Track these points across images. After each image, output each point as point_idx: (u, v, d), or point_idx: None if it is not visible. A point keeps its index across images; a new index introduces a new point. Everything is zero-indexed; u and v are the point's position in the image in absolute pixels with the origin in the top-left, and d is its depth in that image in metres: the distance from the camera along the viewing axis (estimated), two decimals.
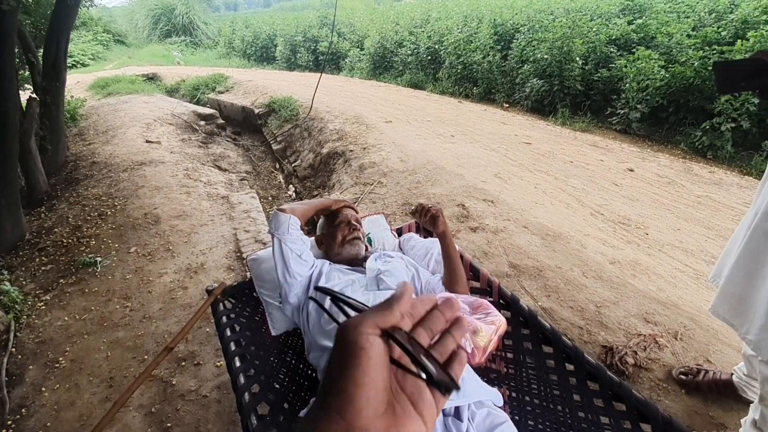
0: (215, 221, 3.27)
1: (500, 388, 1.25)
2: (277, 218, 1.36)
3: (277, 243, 1.35)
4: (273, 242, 1.36)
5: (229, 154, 5.32)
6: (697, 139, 5.43)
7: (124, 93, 8.20)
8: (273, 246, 1.36)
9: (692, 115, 5.84)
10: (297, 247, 1.36)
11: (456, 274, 1.40)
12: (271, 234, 1.38)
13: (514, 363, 1.32)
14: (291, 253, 1.35)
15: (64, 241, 3.19)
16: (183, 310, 2.34)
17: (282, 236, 1.34)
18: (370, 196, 3.29)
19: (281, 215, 1.36)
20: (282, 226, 1.35)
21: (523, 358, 1.32)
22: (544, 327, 1.32)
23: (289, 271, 1.34)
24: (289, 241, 1.35)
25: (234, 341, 1.38)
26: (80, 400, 1.83)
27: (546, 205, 2.99)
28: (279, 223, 1.35)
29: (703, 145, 5.33)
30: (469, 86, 8.57)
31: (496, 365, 1.34)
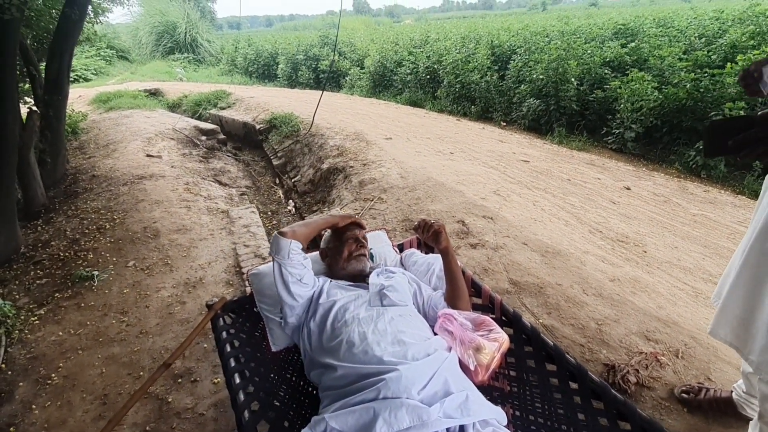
0: (215, 236, 3.26)
1: (504, 406, 1.24)
2: (278, 243, 1.34)
3: (277, 267, 1.34)
4: (273, 265, 1.36)
5: (230, 169, 5.34)
6: (691, 158, 5.51)
7: (126, 108, 8.25)
8: (273, 269, 1.36)
9: (686, 135, 5.95)
10: (297, 272, 1.36)
11: (458, 289, 1.40)
12: (271, 257, 1.37)
13: (518, 381, 1.30)
14: (291, 277, 1.34)
15: (60, 255, 3.17)
16: (180, 326, 2.31)
17: (282, 261, 1.34)
18: (370, 212, 3.30)
19: (282, 240, 1.34)
20: (282, 251, 1.34)
21: (526, 376, 1.30)
22: (547, 344, 1.31)
23: (291, 294, 1.34)
24: (289, 265, 1.34)
25: (234, 357, 1.36)
26: (72, 418, 1.79)
27: (545, 222, 3.00)
28: (279, 248, 1.34)
29: (697, 164, 5.41)
30: (468, 105, 8.71)
31: (500, 383, 1.33)
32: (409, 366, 1.08)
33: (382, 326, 1.23)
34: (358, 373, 1.11)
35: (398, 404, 0.99)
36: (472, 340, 1.29)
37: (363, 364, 1.12)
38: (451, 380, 1.09)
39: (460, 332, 1.30)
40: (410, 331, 1.23)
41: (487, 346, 1.27)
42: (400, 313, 1.30)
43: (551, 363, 1.29)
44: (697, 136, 5.81)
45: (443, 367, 1.12)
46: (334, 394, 1.14)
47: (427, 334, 1.27)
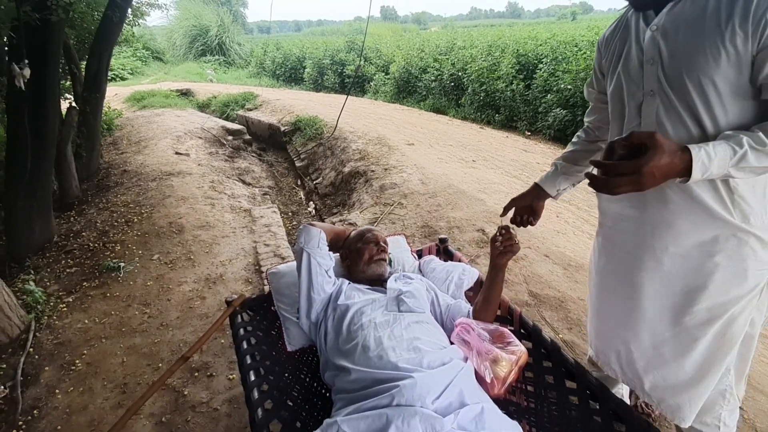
0: (236, 233, 3.32)
1: (520, 422, 1.20)
2: (309, 232, 1.37)
3: (306, 257, 1.35)
4: (301, 256, 1.37)
5: (254, 169, 5.44)
6: None
7: (158, 106, 8.55)
8: (300, 260, 1.37)
9: None
10: (325, 263, 1.38)
11: (491, 307, 1.39)
12: (299, 248, 1.38)
13: (535, 397, 1.27)
14: (319, 268, 1.35)
15: (90, 245, 3.29)
16: (200, 320, 2.35)
17: (312, 250, 1.35)
18: (390, 217, 3.30)
19: (312, 229, 1.37)
20: (313, 240, 1.36)
21: (544, 392, 1.26)
22: (567, 361, 1.27)
23: (313, 287, 1.35)
24: (318, 255, 1.36)
25: (250, 354, 1.37)
26: (93, 404, 1.84)
27: (568, 234, 2.93)
28: (310, 236, 1.36)
29: None
30: (491, 113, 8.64)
31: (516, 398, 1.29)
32: (424, 374, 1.06)
33: (398, 332, 1.22)
34: (372, 378, 1.10)
35: (412, 412, 0.97)
36: (489, 352, 1.26)
37: (377, 369, 1.11)
38: (467, 391, 1.07)
39: (477, 343, 1.28)
40: (426, 339, 1.21)
41: (505, 358, 1.24)
42: (416, 319, 1.29)
43: (571, 380, 1.25)
44: None
45: (459, 378, 1.10)
46: (348, 397, 1.13)
47: (443, 343, 1.25)
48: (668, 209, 0.98)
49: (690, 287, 1.01)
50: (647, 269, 1.06)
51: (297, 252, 1.40)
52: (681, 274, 1.01)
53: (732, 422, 1.13)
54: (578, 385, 1.23)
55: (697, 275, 0.99)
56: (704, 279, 0.98)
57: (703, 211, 0.93)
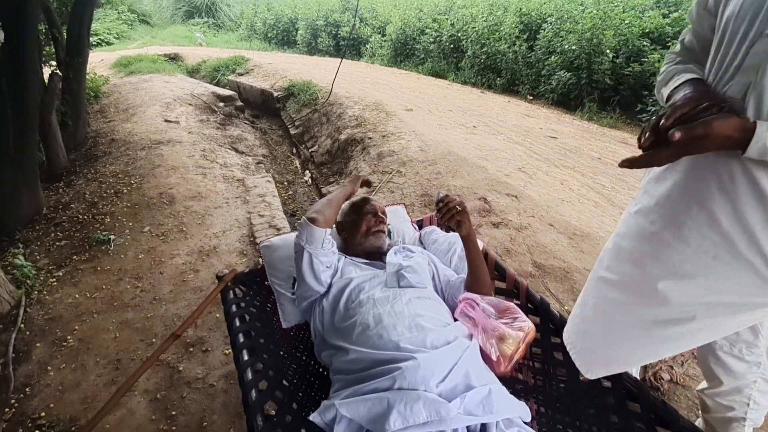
0: (230, 204, 3.21)
1: (528, 401, 1.15)
2: (311, 232, 1.21)
3: (308, 257, 1.22)
4: (302, 255, 1.23)
5: (247, 137, 5.25)
6: None
7: (145, 72, 8.19)
8: (302, 258, 1.23)
9: None
10: (327, 260, 1.25)
11: (479, 278, 1.28)
12: (300, 246, 1.23)
13: (543, 374, 1.21)
14: (321, 266, 1.24)
15: (79, 217, 3.18)
16: (193, 294, 2.29)
17: (315, 251, 1.22)
18: (388, 185, 3.18)
19: (316, 230, 1.21)
20: (316, 242, 1.22)
21: (552, 369, 1.21)
22: None
23: (319, 281, 1.25)
24: (321, 255, 1.23)
25: (243, 332, 1.30)
26: (85, 381, 1.80)
27: (573, 202, 2.84)
28: (313, 238, 1.21)
29: None
30: (492, 77, 8.33)
31: (523, 375, 1.24)
32: (428, 355, 0.99)
33: (399, 308, 1.14)
34: (372, 358, 1.03)
35: (415, 396, 0.91)
36: (495, 329, 1.19)
37: (377, 350, 1.04)
38: (473, 372, 1.00)
39: (482, 319, 1.21)
40: (429, 315, 1.14)
41: (512, 335, 1.17)
42: (418, 295, 1.21)
43: None
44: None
45: (464, 358, 1.03)
46: (346, 378, 1.07)
47: (446, 320, 1.17)
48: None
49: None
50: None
51: (297, 247, 1.26)
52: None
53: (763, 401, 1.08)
54: None
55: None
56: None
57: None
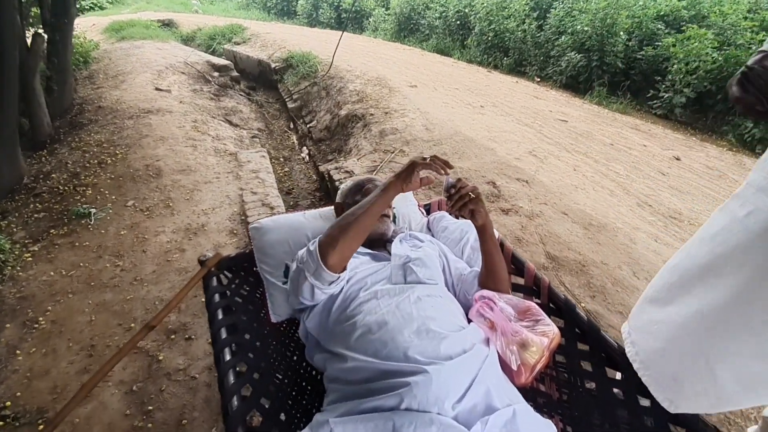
0: (221, 179, 3.01)
1: (551, 417, 1.00)
2: (320, 273, 0.95)
3: (309, 287, 0.98)
4: (303, 281, 0.98)
5: (242, 109, 5.00)
6: (747, 131, 5.00)
7: (138, 38, 7.83)
8: (302, 284, 0.98)
9: None
10: (330, 290, 1.02)
11: (495, 274, 1.09)
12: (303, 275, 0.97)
13: (569, 387, 1.06)
14: (323, 295, 1.02)
15: (60, 188, 2.98)
16: (178, 275, 2.12)
17: (321, 288, 0.99)
18: (390, 165, 2.99)
19: (327, 274, 0.94)
20: (324, 282, 0.97)
21: (580, 381, 1.05)
22: (609, 345, 1.05)
23: (316, 301, 1.04)
24: (326, 289, 1.00)
25: (226, 327, 1.14)
26: (56, 368, 1.64)
27: (587, 190, 2.66)
28: (322, 278, 0.96)
29: (753, 138, 4.91)
30: (499, 56, 8.04)
31: (546, 387, 1.09)
32: (442, 367, 0.83)
33: (406, 309, 0.97)
34: (375, 369, 0.87)
35: (427, 421, 0.75)
36: (515, 333, 1.03)
37: (381, 359, 0.88)
38: (494, 390, 0.84)
39: (501, 322, 1.04)
40: (441, 317, 0.97)
41: (536, 342, 1.01)
42: (428, 293, 1.04)
43: (613, 368, 1.04)
44: None
45: (484, 371, 0.87)
46: (343, 389, 0.91)
47: (461, 322, 1.01)
48: None
49: None
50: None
51: (297, 271, 1.00)
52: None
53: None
54: (624, 376, 1.01)
55: None
56: None
57: None
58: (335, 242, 0.94)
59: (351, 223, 0.95)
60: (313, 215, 1.42)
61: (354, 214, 0.96)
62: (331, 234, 0.95)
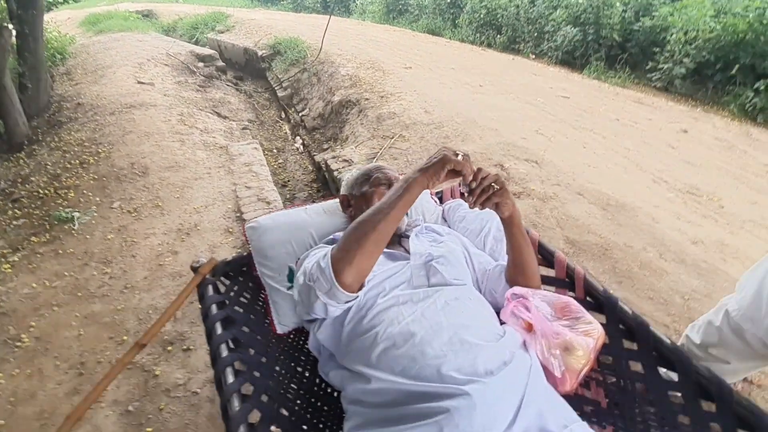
0: (212, 174, 2.85)
1: (602, 428, 0.89)
2: (334, 293, 0.80)
3: (321, 305, 0.84)
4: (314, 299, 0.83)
5: (230, 100, 4.79)
6: (749, 100, 4.89)
7: (116, 30, 7.56)
8: (313, 301, 0.84)
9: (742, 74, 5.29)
10: (348, 306, 0.87)
11: (525, 268, 0.95)
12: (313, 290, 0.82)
13: (619, 392, 0.94)
14: (338, 310, 0.87)
15: (40, 192, 2.80)
16: (172, 280, 1.97)
17: (336, 306, 0.85)
18: (390, 151, 2.84)
19: (341, 294, 0.80)
20: (340, 303, 0.84)
21: (630, 385, 0.94)
22: (660, 342, 0.93)
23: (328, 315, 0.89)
24: (343, 306, 0.86)
25: (226, 342, 1.00)
26: (43, 391, 1.51)
27: (600, 168, 2.53)
28: (338, 299, 0.82)
29: (755, 107, 4.81)
30: (492, 34, 7.84)
31: (592, 393, 0.97)
32: (485, 387, 0.70)
33: (434, 316, 0.84)
34: (405, 390, 0.74)
35: None
36: (557, 335, 0.91)
37: (411, 379, 0.75)
38: (547, 410, 0.72)
39: (541, 323, 0.92)
40: (475, 325, 0.84)
41: (581, 345, 0.89)
42: (455, 295, 0.90)
43: (668, 368, 0.92)
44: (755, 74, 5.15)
45: (531, 387, 0.74)
46: (367, 413, 0.78)
47: (497, 329, 0.88)
48: None
49: None
50: None
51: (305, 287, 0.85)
52: None
53: None
54: (681, 376, 0.89)
55: None
56: None
57: None
58: (351, 257, 0.77)
59: (368, 233, 0.77)
60: (316, 210, 1.27)
61: (372, 221, 0.78)
62: (346, 247, 0.78)
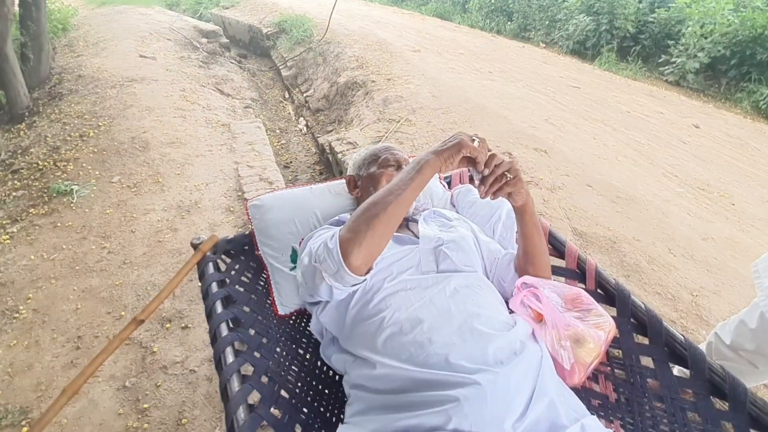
0: (213, 152, 2.80)
1: (610, 423, 0.87)
2: (344, 278, 0.77)
3: (327, 288, 0.81)
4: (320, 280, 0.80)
5: (233, 78, 4.70)
6: (763, 98, 4.80)
7: (119, 3, 7.43)
8: (318, 283, 0.81)
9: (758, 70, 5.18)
10: (354, 289, 0.85)
11: (536, 259, 0.92)
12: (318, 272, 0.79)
13: (628, 387, 0.92)
14: (344, 294, 0.84)
15: (39, 164, 2.76)
16: (171, 257, 1.94)
17: (343, 288, 0.81)
18: (396, 135, 2.78)
19: (350, 278, 0.76)
20: (347, 285, 0.80)
21: (640, 380, 0.91)
22: (673, 337, 0.91)
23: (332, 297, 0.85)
24: (349, 289, 0.83)
25: (226, 322, 0.98)
26: (40, 362, 1.49)
27: (610, 160, 2.48)
28: (345, 282, 0.78)
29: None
30: (503, 20, 7.68)
31: (601, 387, 0.94)
32: (496, 377, 0.68)
33: (443, 303, 0.81)
34: (411, 377, 0.72)
35: None
36: (567, 326, 0.88)
37: (418, 366, 0.72)
38: (559, 402, 0.70)
39: (551, 314, 0.89)
40: (485, 313, 0.81)
41: (592, 338, 0.86)
42: (465, 282, 0.87)
43: (681, 365, 0.90)
44: None
45: (543, 378, 0.72)
46: (371, 399, 0.75)
47: (508, 318, 0.85)
48: None
49: None
50: None
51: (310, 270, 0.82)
52: None
53: None
54: (693, 372, 0.87)
55: None
56: None
57: None
58: (360, 239, 0.73)
59: (379, 215, 0.73)
60: (321, 190, 1.23)
61: (383, 202, 0.74)
62: (355, 228, 0.74)
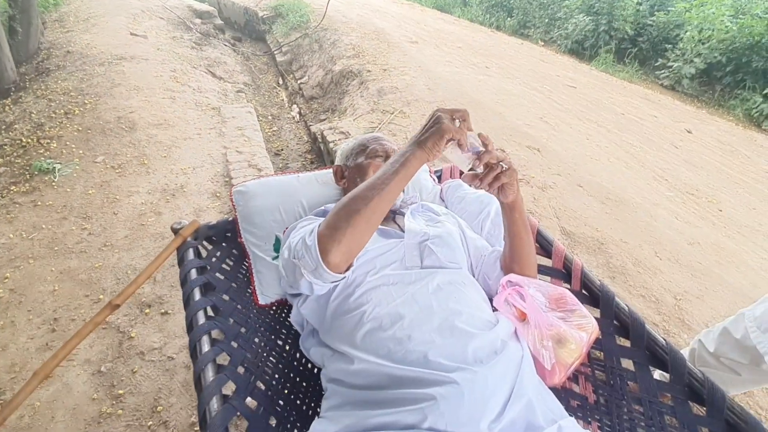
0: (202, 136, 2.74)
1: (587, 424, 0.86)
2: (322, 275, 0.74)
3: (307, 284, 0.78)
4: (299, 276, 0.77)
5: (226, 61, 4.61)
6: (756, 106, 4.85)
7: None
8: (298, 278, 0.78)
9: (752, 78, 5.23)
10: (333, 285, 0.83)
11: (523, 257, 0.90)
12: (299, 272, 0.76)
13: (607, 389, 0.91)
14: (324, 289, 0.82)
15: (22, 141, 2.68)
16: (153, 242, 1.90)
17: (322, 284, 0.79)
18: (390, 127, 2.75)
19: (328, 275, 0.73)
20: (326, 282, 0.78)
21: (620, 382, 0.91)
22: (655, 341, 0.91)
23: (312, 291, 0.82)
24: (329, 285, 0.81)
25: (204, 310, 0.95)
26: (14, 344, 1.45)
27: (602, 161, 2.48)
28: (323, 278, 0.75)
29: (761, 113, 4.76)
30: (503, 16, 7.65)
31: (580, 388, 0.94)
32: (474, 376, 0.67)
33: (425, 299, 0.79)
34: (388, 374, 0.70)
35: None
36: (550, 326, 0.87)
37: (396, 363, 0.71)
38: (537, 403, 0.69)
39: (534, 313, 0.88)
40: (468, 312, 0.80)
41: (574, 338, 0.86)
42: (449, 279, 0.86)
43: (662, 369, 0.89)
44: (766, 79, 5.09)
45: (522, 379, 0.71)
46: (347, 394, 0.74)
47: (490, 317, 0.84)
48: None
49: None
50: None
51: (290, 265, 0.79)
52: None
53: None
54: (674, 377, 0.87)
55: None
56: None
57: None
58: (340, 235, 0.70)
59: (360, 210, 0.69)
60: (308, 178, 1.21)
61: (364, 197, 0.70)
62: (334, 224, 0.71)
